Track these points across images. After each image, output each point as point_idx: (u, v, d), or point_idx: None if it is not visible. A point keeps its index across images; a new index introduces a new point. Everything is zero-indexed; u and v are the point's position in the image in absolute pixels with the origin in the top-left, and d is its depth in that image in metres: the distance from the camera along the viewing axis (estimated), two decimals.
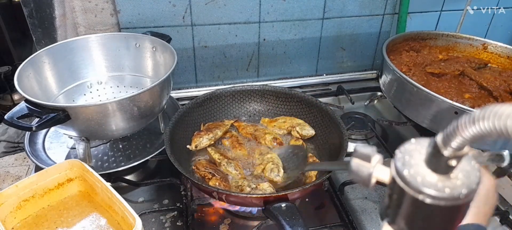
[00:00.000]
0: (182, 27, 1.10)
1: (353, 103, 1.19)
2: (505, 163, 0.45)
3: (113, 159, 0.91)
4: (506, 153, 0.46)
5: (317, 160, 0.87)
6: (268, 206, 0.69)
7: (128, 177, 0.91)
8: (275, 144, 0.92)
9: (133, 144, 0.97)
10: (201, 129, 0.95)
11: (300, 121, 0.97)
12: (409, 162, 0.29)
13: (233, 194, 0.72)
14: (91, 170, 0.71)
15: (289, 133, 0.96)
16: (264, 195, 0.73)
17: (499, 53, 1.17)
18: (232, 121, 0.99)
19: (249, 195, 0.74)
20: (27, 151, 0.89)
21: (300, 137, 0.94)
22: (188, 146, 0.90)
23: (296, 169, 0.79)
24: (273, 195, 0.71)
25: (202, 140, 0.90)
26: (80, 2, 0.99)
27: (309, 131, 0.94)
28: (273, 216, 0.68)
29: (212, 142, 0.91)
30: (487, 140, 0.47)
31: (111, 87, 1.04)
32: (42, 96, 0.88)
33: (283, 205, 0.69)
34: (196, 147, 0.90)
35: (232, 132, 0.97)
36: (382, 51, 1.06)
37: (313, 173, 0.83)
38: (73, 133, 0.80)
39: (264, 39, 1.20)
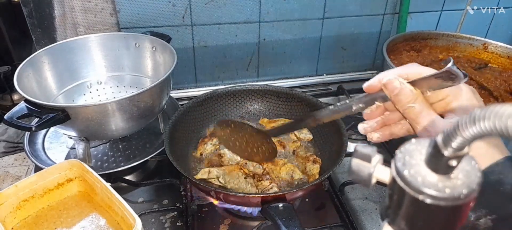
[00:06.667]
0: (182, 27, 1.10)
1: None
2: (463, 79, 0.42)
3: (112, 159, 0.91)
4: (452, 67, 0.42)
5: (318, 159, 0.86)
6: (266, 206, 0.69)
7: (128, 177, 0.90)
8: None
9: (133, 144, 0.97)
10: (207, 134, 0.95)
11: None
12: (409, 162, 0.29)
13: (231, 193, 0.72)
14: (90, 170, 0.71)
15: (288, 135, 0.95)
16: (262, 195, 0.72)
17: (499, 53, 1.16)
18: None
19: (247, 195, 0.74)
20: (27, 151, 0.89)
21: (297, 140, 0.94)
22: (193, 153, 0.91)
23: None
24: (271, 195, 0.71)
25: (207, 146, 0.90)
26: (79, 2, 0.99)
27: (306, 135, 0.95)
28: (270, 216, 0.68)
29: (217, 147, 0.91)
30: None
31: (110, 87, 1.04)
32: (42, 96, 0.88)
33: (280, 205, 0.69)
34: (201, 154, 0.90)
35: None
36: (383, 51, 1.05)
37: (315, 171, 0.83)
38: (73, 133, 0.80)
39: (264, 39, 1.20)
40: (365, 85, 0.52)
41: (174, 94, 1.18)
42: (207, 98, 0.98)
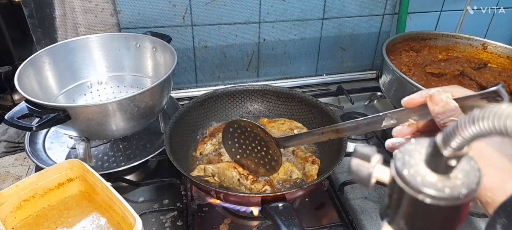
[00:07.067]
0: (182, 27, 1.11)
1: (353, 103, 1.19)
2: (506, 100, 0.41)
3: (113, 159, 0.92)
4: (501, 88, 0.42)
5: (317, 160, 0.87)
6: (266, 206, 0.69)
7: (128, 177, 0.91)
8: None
9: (133, 144, 0.97)
10: (206, 134, 0.96)
11: (299, 124, 0.97)
12: (409, 162, 0.29)
13: (231, 193, 0.72)
14: (91, 170, 0.72)
15: (288, 134, 0.96)
16: (262, 195, 0.73)
17: (498, 53, 1.17)
18: None
19: (247, 194, 0.74)
20: (28, 151, 0.89)
21: None
22: (193, 153, 0.91)
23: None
24: (271, 194, 0.71)
25: (206, 146, 0.90)
26: (80, 2, 0.99)
27: None
28: (270, 215, 0.68)
29: (217, 147, 0.91)
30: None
31: (111, 87, 1.04)
32: (43, 96, 0.88)
33: (280, 204, 0.69)
34: (200, 153, 0.90)
35: None
36: (382, 51, 1.06)
37: (314, 172, 0.83)
38: (74, 133, 0.80)
39: (264, 39, 1.20)
40: (405, 99, 0.50)
41: (175, 94, 1.18)
42: (207, 99, 0.98)
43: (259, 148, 0.79)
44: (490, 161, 0.41)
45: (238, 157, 0.82)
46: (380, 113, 0.52)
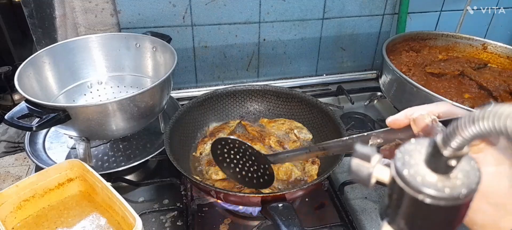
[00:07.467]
0: (182, 27, 1.11)
1: (353, 103, 1.19)
2: None
3: (113, 159, 0.92)
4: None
5: (317, 160, 0.87)
6: (266, 206, 0.69)
7: (128, 177, 0.91)
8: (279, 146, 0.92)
9: (133, 144, 0.97)
10: (206, 133, 0.95)
11: (299, 124, 0.98)
12: (409, 162, 0.29)
13: (231, 193, 0.72)
14: (91, 170, 0.71)
15: (288, 135, 0.96)
16: (262, 195, 0.73)
17: (498, 53, 1.17)
18: (237, 121, 0.99)
19: (247, 195, 0.74)
20: (28, 151, 0.89)
21: (297, 139, 0.94)
22: (193, 153, 0.91)
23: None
24: (271, 194, 0.71)
25: (206, 146, 0.90)
26: (80, 2, 0.99)
27: (306, 135, 0.95)
28: (270, 215, 0.68)
29: None
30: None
31: (111, 87, 1.04)
32: (43, 96, 0.88)
33: (280, 204, 0.69)
34: (200, 153, 0.90)
35: (239, 132, 0.97)
36: (382, 51, 1.06)
37: (314, 172, 0.83)
38: (74, 133, 0.80)
39: (264, 39, 1.20)
40: (389, 120, 0.48)
41: (175, 94, 1.18)
42: (207, 98, 0.98)
43: (250, 162, 0.77)
44: (483, 195, 0.37)
45: (231, 171, 0.79)
46: (365, 133, 0.51)
